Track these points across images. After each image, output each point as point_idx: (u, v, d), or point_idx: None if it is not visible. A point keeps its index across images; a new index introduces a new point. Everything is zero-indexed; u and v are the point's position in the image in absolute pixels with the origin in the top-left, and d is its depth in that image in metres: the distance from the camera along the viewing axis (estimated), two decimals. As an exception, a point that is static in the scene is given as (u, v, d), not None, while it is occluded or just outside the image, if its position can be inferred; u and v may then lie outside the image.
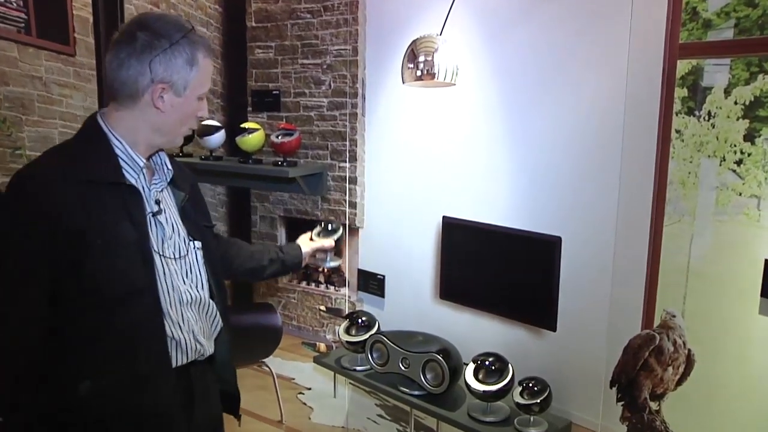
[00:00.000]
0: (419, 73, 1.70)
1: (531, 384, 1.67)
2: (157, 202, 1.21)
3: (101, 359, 1.13)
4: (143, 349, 1.15)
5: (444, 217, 1.97)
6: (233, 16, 2.59)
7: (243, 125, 2.36)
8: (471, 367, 1.72)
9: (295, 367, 2.55)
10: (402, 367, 1.86)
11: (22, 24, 2.11)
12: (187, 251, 1.25)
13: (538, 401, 1.63)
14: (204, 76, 1.17)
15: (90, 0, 2.22)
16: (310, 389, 2.54)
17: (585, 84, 1.65)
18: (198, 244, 1.28)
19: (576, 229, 1.70)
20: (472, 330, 1.95)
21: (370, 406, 2.34)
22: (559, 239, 1.71)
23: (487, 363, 1.71)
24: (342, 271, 2.37)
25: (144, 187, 1.19)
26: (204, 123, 2.31)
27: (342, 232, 1.77)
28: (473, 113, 1.89)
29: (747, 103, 1.45)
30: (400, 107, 2.09)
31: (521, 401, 1.65)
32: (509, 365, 1.71)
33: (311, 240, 1.74)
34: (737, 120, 1.46)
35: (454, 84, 1.76)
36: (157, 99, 1.13)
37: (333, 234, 1.76)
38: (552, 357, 1.78)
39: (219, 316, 1.32)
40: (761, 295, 1.43)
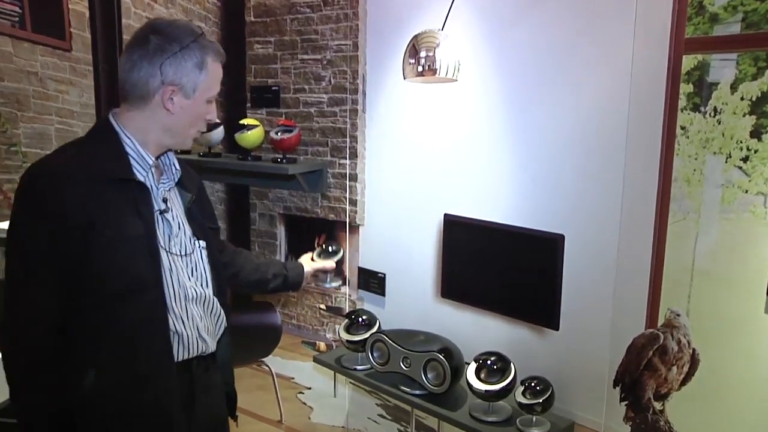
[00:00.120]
0: (420, 69, 1.69)
1: (533, 383, 1.66)
2: (165, 200, 1.25)
3: (105, 353, 1.16)
4: (146, 343, 1.18)
5: (445, 215, 1.96)
6: (232, 10, 2.59)
7: (242, 121, 2.37)
8: (473, 367, 1.72)
9: (295, 367, 2.55)
10: (403, 367, 1.85)
11: (16, 18, 2.08)
12: (193, 249, 1.29)
13: (540, 401, 1.62)
14: (213, 79, 1.21)
15: (86, -6, 2.20)
16: (309, 389, 2.53)
17: (588, 79, 1.64)
18: (203, 243, 1.31)
19: (579, 227, 1.68)
20: (473, 329, 1.94)
21: (370, 405, 2.34)
22: (562, 237, 1.70)
23: (489, 362, 1.70)
24: (342, 270, 2.36)
25: (152, 186, 1.23)
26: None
27: (342, 254, 1.81)
28: (475, 109, 1.88)
29: (754, 99, 1.45)
30: (401, 103, 2.08)
31: (523, 401, 1.64)
32: (511, 364, 1.70)
33: (312, 261, 1.78)
34: (744, 116, 1.47)
35: (455, 80, 1.75)
36: (167, 100, 1.17)
37: (333, 256, 1.80)
38: (555, 356, 1.77)
39: (223, 314, 1.35)
40: (768, 294, 1.42)
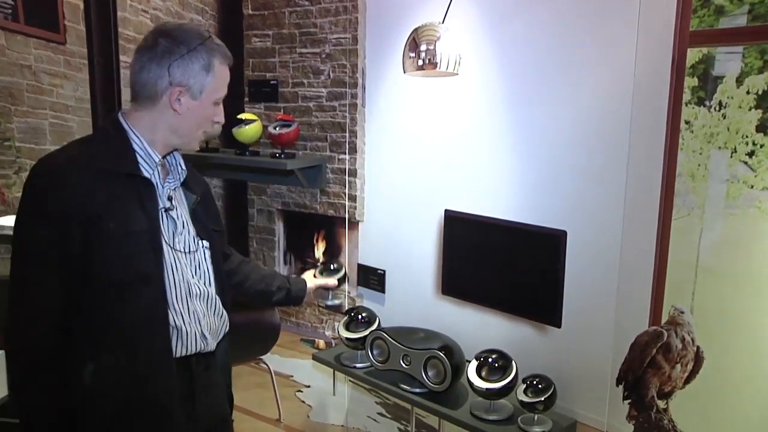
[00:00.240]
0: (421, 63, 1.69)
1: (535, 382, 1.65)
2: (170, 198, 1.28)
3: (105, 348, 1.18)
4: (146, 338, 1.20)
5: (446, 211, 1.96)
6: (229, 3, 2.58)
7: (240, 116, 2.37)
8: (474, 365, 1.72)
9: (294, 365, 2.54)
10: (403, 365, 1.85)
11: (8, 10, 2.06)
12: (197, 248, 1.32)
13: (542, 399, 1.62)
14: (219, 81, 1.25)
15: (80, -14, 2.18)
16: (308, 387, 2.53)
17: (591, 73, 1.63)
18: (206, 243, 1.34)
19: (582, 223, 1.68)
20: (474, 326, 1.94)
21: (370, 404, 2.33)
22: (564, 233, 1.69)
23: (490, 360, 1.70)
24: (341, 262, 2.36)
25: (158, 183, 1.26)
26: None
27: (344, 271, 1.83)
28: (476, 103, 1.87)
29: (760, 93, 1.45)
30: (401, 98, 2.07)
31: (525, 399, 1.64)
32: (513, 362, 1.70)
33: (314, 277, 1.80)
34: (749, 110, 1.47)
35: (456, 73, 1.75)
36: (175, 101, 1.21)
37: (335, 273, 1.80)
38: (557, 354, 1.76)
39: (226, 315, 1.37)
40: (774, 291, 1.42)
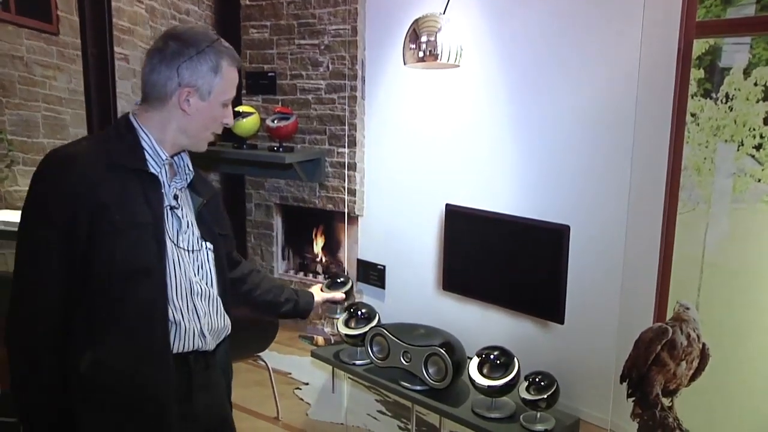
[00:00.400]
0: (421, 54, 1.69)
1: (537, 379, 1.65)
2: (175, 197, 1.32)
3: (104, 337, 1.21)
4: (145, 330, 1.23)
5: (447, 205, 1.95)
6: (226, -6, 2.54)
7: (237, 109, 2.36)
8: (475, 362, 1.71)
9: (292, 362, 2.54)
10: (403, 361, 1.84)
11: None
12: (200, 248, 1.35)
13: (544, 397, 1.61)
14: (227, 83, 1.29)
15: (73, -25, 2.15)
16: (307, 384, 2.53)
17: (595, 64, 1.62)
18: (210, 245, 1.37)
19: (585, 218, 1.67)
20: (476, 323, 1.94)
21: (369, 401, 2.33)
22: (568, 228, 1.69)
23: (492, 357, 1.69)
24: (341, 262, 2.36)
25: (164, 181, 1.29)
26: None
27: (351, 284, 1.86)
28: (478, 96, 1.87)
29: None
30: (401, 90, 2.06)
31: (527, 397, 1.63)
32: (515, 359, 1.69)
33: (322, 291, 1.85)
34: (757, 102, 1.47)
35: (457, 65, 1.74)
36: (183, 102, 1.25)
37: (342, 287, 1.85)
38: (559, 351, 1.76)
39: (227, 316, 1.40)
40: (781, 287, 1.43)
